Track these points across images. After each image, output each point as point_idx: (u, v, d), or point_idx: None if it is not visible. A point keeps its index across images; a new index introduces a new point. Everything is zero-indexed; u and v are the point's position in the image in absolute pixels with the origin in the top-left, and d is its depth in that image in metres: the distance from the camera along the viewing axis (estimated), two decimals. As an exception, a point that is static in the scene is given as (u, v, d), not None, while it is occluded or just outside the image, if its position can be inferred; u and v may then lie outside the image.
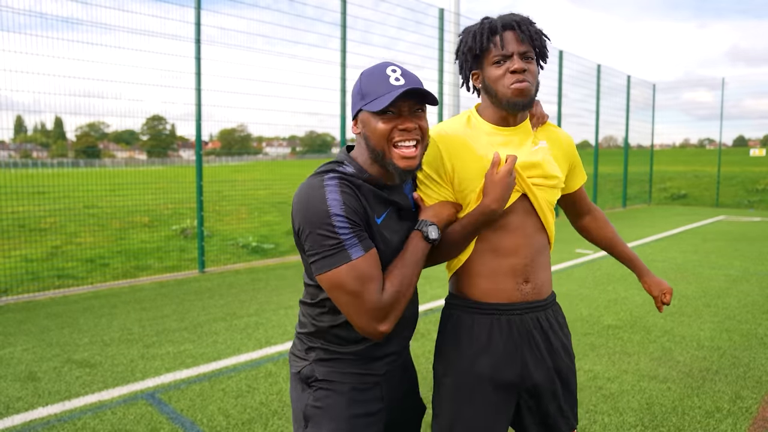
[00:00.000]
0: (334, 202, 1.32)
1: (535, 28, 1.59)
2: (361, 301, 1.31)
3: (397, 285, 1.36)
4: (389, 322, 1.35)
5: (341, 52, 8.76)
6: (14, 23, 5.83)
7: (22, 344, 4.46)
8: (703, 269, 7.67)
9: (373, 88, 1.40)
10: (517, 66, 1.54)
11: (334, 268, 1.31)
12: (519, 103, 1.57)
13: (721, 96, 19.35)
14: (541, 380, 1.66)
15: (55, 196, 6.66)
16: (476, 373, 1.62)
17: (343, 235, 1.31)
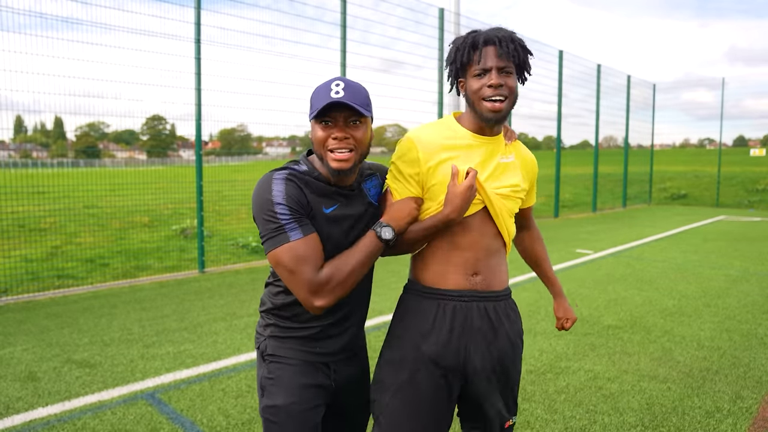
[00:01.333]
0: (277, 193, 1.54)
1: (516, 44, 1.69)
2: (297, 277, 1.51)
3: (333, 268, 1.54)
4: (323, 298, 1.52)
5: (341, 52, 8.76)
6: (14, 23, 5.84)
7: (22, 344, 4.46)
8: (703, 269, 7.66)
9: (315, 100, 1.58)
10: (494, 81, 1.65)
11: (276, 247, 1.52)
12: (491, 119, 1.69)
13: (721, 96, 19.36)
14: (480, 368, 1.75)
15: (55, 196, 6.66)
16: (420, 354, 1.73)
17: (283, 220, 1.52)
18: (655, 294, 6.26)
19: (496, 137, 1.79)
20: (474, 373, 1.75)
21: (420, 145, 1.73)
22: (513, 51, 1.67)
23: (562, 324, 2.10)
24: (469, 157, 1.74)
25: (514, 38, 1.69)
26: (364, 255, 1.59)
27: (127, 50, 6.67)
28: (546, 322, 5.16)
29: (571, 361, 4.19)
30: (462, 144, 1.75)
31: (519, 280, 6.92)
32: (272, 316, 1.72)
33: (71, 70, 6.18)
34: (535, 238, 2.12)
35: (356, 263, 1.57)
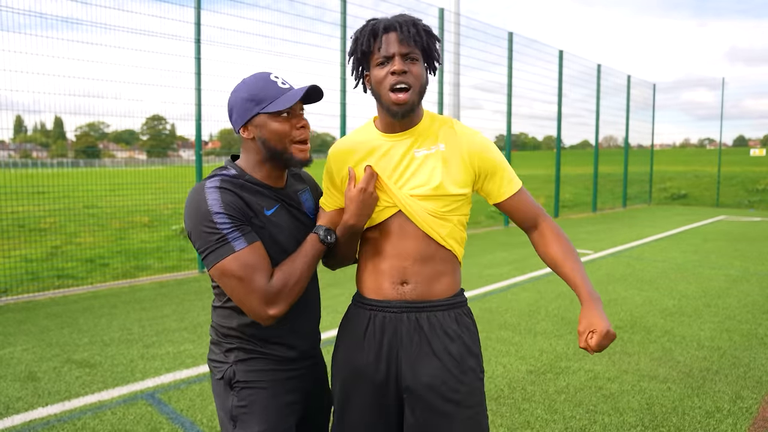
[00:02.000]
0: (213, 202, 1.45)
1: (419, 28, 1.58)
2: (248, 288, 1.43)
3: (285, 273, 1.48)
4: (278, 307, 1.45)
5: (341, 52, 8.76)
6: (14, 23, 5.84)
7: (22, 344, 4.45)
8: (703, 269, 7.66)
9: (266, 93, 1.52)
10: (396, 67, 1.52)
11: (221, 259, 1.43)
12: (397, 112, 1.55)
13: (721, 96, 19.36)
14: (416, 385, 1.59)
15: (55, 196, 6.66)
16: (352, 367, 1.65)
17: (224, 229, 1.43)
18: (655, 294, 6.26)
19: (410, 131, 1.63)
20: (409, 390, 1.59)
21: (332, 156, 1.71)
22: (415, 35, 1.55)
23: (586, 341, 1.51)
24: (372, 158, 1.63)
25: (417, 23, 1.60)
26: (309, 258, 1.55)
27: (127, 50, 6.67)
28: (546, 322, 5.16)
29: (571, 361, 4.18)
30: (371, 147, 1.64)
31: (518, 280, 6.92)
32: (234, 339, 1.60)
33: (71, 70, 6.19)
34: (547, 237, 1.71)
35: (304, 267, 1.52)
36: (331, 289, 6.15)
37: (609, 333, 1.51)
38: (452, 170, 1.61)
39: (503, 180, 1.68)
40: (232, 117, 1.58)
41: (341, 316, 1.81)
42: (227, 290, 1.47)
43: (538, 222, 1.74)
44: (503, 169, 1.68)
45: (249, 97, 1.53)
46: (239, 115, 1.55)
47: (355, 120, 9.45)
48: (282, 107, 1.50)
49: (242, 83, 1.56)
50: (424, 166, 1.60)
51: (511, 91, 12.73)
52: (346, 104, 8.90)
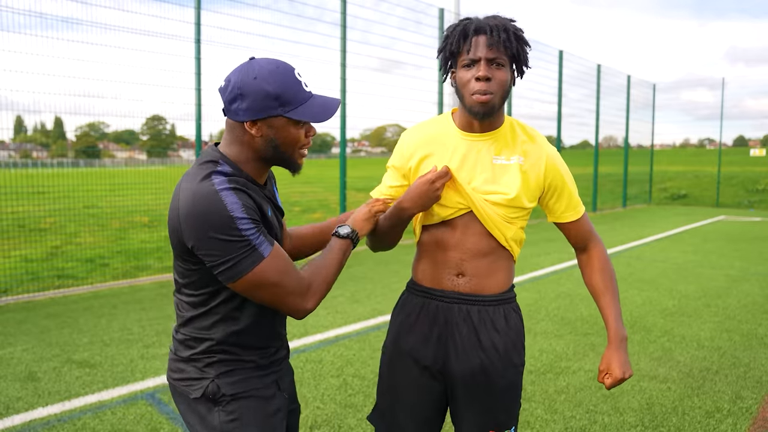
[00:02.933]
0: (234, 206, 1.30)
1: (509, 33, 1.55)
2: (286, 290, 1.37)
3: (315, 267, 1.45)
4: (314, 298, 1.42)
5: (341, 52, 8.76)
6: (14, 23, 5.83)
7: (22, 344, 4.45)
8: (703, 269, 7.66)
9: (294, 95, 1.38)
10: (481, 73, 1.53)
11: (253, 268, 1.32)
12: (478, 113, 1.58)
13: (721, 96, 19.36)
14: (460, 373, 1.69)
15: (55, 196, 6.66)
16: (399, 348, 1.76)
17: (250, 235, 1.32)
18: (655, 294, 6.26)
19: (491, 133, 1.66)
20: (453, 376, 1.70)
21: (407, 142, 1.74)
22: (505, 41, 1.54)
23: (603, 379, 1.68)
24: (449, 155, 1.66)
25: (508, 27, 1.56)
26: (336, 253, 1.52)
27: (127, 50, 6.67)
28: (546, 322, 5.16)
29: (571, 361, 4.18)
30: (449, 143, 1.67)
31: (518, 280, 6.92)
32: (215, 351, 1.47)
33: (71, 70, 6.18)
34: (592, 267, 1.78)
35: (334, 262, 1.50)
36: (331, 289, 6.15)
37: (623, 380, 1.65)
38: (529, 185, 1.67)
39: (570, 203, 1.74)
40: (237, 103, 1.37)
41: (341, 316, 1.83)
42: (260, 299, 1.38)
43: (589, 247, 1.81)
44: (571, 192, 1.74)
45: (274, 94, 1.36)
46: (254, 109, 1.36)
47: (356, 120, 9.46)
48: (317, 120, 1.42)
49: (265, 71, 1.36)
50: (503, 174, 1.65)
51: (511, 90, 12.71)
52: (345, 104, 8.90)
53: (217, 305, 1.45)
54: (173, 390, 1.54)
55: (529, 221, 11.58)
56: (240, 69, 1.38)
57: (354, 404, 3.46)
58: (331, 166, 11.40)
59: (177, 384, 1.51)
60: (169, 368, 1.55)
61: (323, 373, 3.91)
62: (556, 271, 7.47)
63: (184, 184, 1.37)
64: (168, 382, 1.57)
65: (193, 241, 1.32)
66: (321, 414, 3.31)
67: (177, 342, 1.52)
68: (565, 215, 1.75)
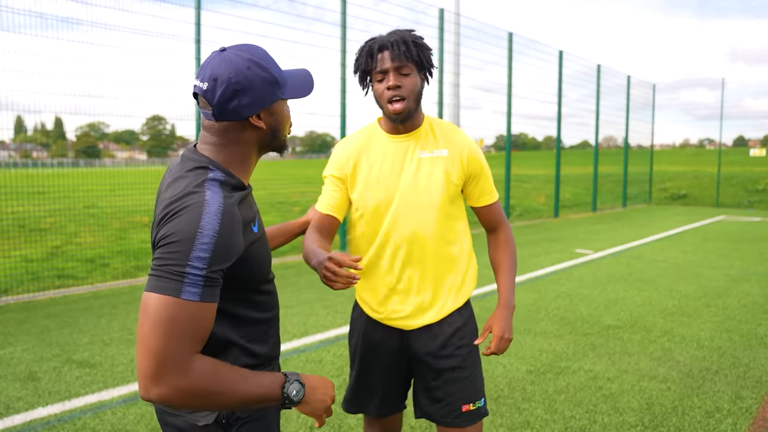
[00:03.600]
0: (208, 232, 1.12)
1: (409, 45, 1.75)
2: (155, 347, 1.07)
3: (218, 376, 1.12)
4: (169, 389, 1.07)
5: (341, 52, 8.76)
6: (14, 23, 5.83)
7: (22, 344, 4.46)
8: (703, 269, 7.66)
9: (281, 74, 1.32)
10: (391, 83, 1.75)
11: (157, 292, 1.09)
12: (395, 119, 1.80)
13: (721, 96, 19.36)
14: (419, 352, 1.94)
15: (55, 196, 6.66)
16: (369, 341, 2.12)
17: (191, 267, 1.09)
18: (655, 294, 6.26)
19: (412, 134, 1.87)
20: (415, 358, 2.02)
21: (341, 151, 1.94)
22: (405, 52, 1.74)
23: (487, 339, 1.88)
24: (381, 157, 1.87)
25: (407, 39, 1.76)
26: (256, 392, 1.17)
27: (127, 50, 6.67)
28: (546, 322, 5.16)
29: (571, 361, 4.19)
30: (375, 146, 1.89)
31: (518, 280, 6.92)
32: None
33: (71, 70, 6.19)
34: (499, 244, 2.01)
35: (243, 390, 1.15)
36: (330, 289, 6.15)
37: (503, 337, 1.85)
38: (450, 175, 1.86)
39: (485, 189, 1.95)
40: (238, 99, 1.23)
41: (341, 316, 1.85)
42: (138, 327, 1.10)
43: (498, 228, 2.03)
44: (487, 179, 1.95)
45: (272, 79, 1.27)
46: (259, 99, 1.25)
47: (355, 120, 9.45)
48: (308, 93, 1.37)
49: (256, 58, 1.27)
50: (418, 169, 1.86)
51: (511, 91, 12.73)
52: (346, 104, 8.90)
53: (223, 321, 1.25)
54: (165, 421, 1.33)
55: (529, 221, 11.62)
56: (223, 64, 1.23)
57: (354, 404, 3.45)
58: (331, 166, 11.36)
59: (177, 412, 1.30)
60: None
61: (323, 373, 3.91)
62: (556, 271, 7.48)
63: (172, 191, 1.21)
64: (157, 411, 1.35)
65: (162, 231, 1.15)
66: (321, 414, 3.31)
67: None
68: (481, 200, 1.96)
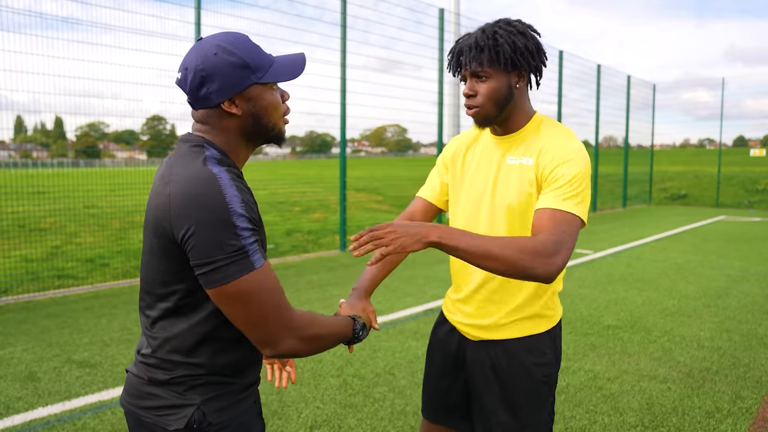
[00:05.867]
0: (233, 199, 1.14)
1: (486, 47, 1.61)
2: (268, 313, 1.17)
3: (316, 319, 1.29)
4: (295, 339, 1.22)
5: (341, 52, 8.76)
6: (13, 23, 5.83)
7: (22, 344, 4.45)
8: (703, 269, 7.66)
9: (260, 60, 1.29)
10: (465, 90, 1.69)
11: (239, 276, 1.13)
12: (478, 125, 1.74)
13: (721, 96, 19.36)
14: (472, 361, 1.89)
15: (55, 196, 6.66)
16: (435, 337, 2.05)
17: (246, 238, 1.14)
18: (655, 294, 6.26)
19: (508, 136, 1.75)
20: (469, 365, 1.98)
21: (456, 142, 1.93)
22: (476, 57, 1.62)
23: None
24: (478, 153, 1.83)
25: (480, 43, 1.61)
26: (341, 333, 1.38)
27: (127, 50, 6.67)
28: (546, 322, 5.16)
29: (571, 361, 4.18)
30: (477, 141, 1.87)
31: (519, 280, 6.91)
32: (202, 373, 1.27)
33: (71, 70, 6.19)
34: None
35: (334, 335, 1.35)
36: (330, 288, 6.15)
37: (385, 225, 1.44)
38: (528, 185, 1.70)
39: (548, 192, 1.60)
40: (206, 86, 1.23)
41: (341, 316, 1.81)
42: (236, 315, 1.17)
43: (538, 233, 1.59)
44: (560, 185, 1.59)
45: (241, 63, 1.25)
46: (229, 84, 1.24)
47: (356, 120, 9.46)
48: (291, 77, 1.33)
49: (223, 44, 1.25)
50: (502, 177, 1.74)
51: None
52: (346, 104, 8.90)
53: (206, 317, 1.25)
54: (135, 421, 1.30)
55: (529, 221, 11.51)
56: (193, 53, 1.25)
57: (354, 404, 3.46)
58: (331, 166, 11.41)
59: (145, 414, 1.27)
60: (133, 395, 1.30)
61: (323, 373, 3.91)
62: (556, 271, 7.47)
63: (176, 168, 1.21)
64: (127, 412, 1.32)
65: (184, 229, 1.14)
66: (321, 414, 3.31)
67: (148, 366, 1.29)
68: (539, 202, 1.61)
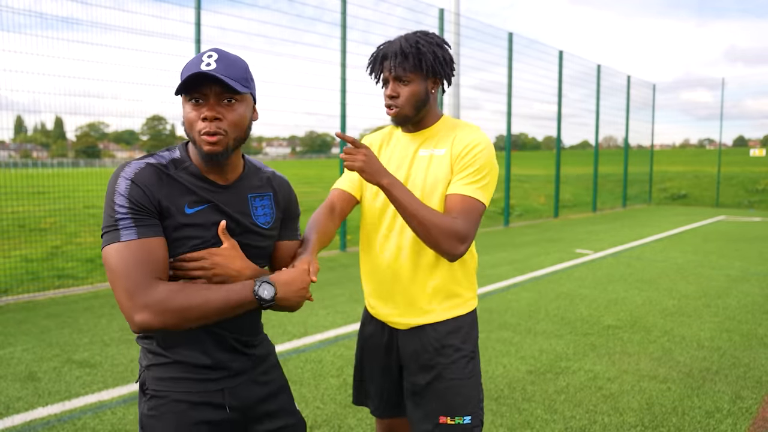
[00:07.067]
0: (122, 182, 1.32)
1: (410, 55, 1.76)
2: (120, 284, 1.27)
3: (177, 290, 1.28)
4: (145, 316, 1.25)
5: (341, 52, 8.76)
6: (13, 23, 5.83)
7: (22, 344, 4.45)
8: (703, 269, 7.66)
9: (183, 72, 1.34)
10: (389, 92, 1.82)
11: (106, 245, 1.30)
12: (396, 124, 1.90)
13: (721, 96, 19.37)
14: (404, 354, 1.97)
15: (55, 196, 6.65)
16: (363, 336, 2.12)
17: (119, 215, 1.30)
18: (655, 294, 6.26)
19: (420, 132, 1.90)
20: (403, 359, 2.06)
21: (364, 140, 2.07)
22: (401, 63, 1.77)
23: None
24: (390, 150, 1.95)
25: (405, 50, 1.77)
26: (224, 300, 1.31)
27: (127, 50, 6.67)
28: (546, 322, 5.16)
29: (571, 361, 4.19)
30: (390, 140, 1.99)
31: (519, 280, 6.92)
32: (146, 340, 1.43)
33: (71, 70, 6.18)
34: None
35: (211, 302, 1.29)
36: (331, 288, 6.15)
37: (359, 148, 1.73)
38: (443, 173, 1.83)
39: (457, 178, 1.78)
40: None
41: (341, 316, 1.84)
42: (108, 279, 1.31)
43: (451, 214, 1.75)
44: (469, 173, 1.77)
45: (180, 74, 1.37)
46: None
47: (356, 120, 9.45)
48: (181, 83, 1.32)
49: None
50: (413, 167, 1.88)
51: (511, 91, 12.73)
52: (346, 104, 8.90)
53: None
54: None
55: (529, 221, 11.68)
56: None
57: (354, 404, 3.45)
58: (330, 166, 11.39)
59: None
60: None
61: (323, 373, 3.91)
62: (556, 271, 7.47)
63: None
64: None
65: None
66: (321, 414, 3.31)
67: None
68: (451, 188, 1.78)
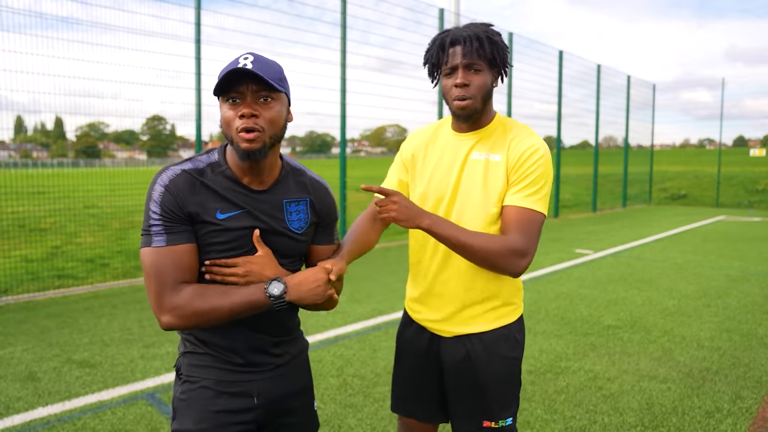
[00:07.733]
0: (157, 189, 1.40)
1: (483, 41, 1.69)
2: (150, 286, 1.39)
3: (199, 293, 1.38)
4: (170, 318, 1.38)
5: (341, 52, 8.76)
6: (13, 23, 5.83)
7: (22, 344, 4.45)
8: (703, 269, 7.66)
9: (220, 73, 1.39)
10: (458, 80, 1.70)
11: (142, 247, 1.41)
12: (460, 116, 1.76)
13: (721, 96, 19.37)
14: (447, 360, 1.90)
15: (55, 196, 6.65)
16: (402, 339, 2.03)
17: (152, 221, 1.39)
18: (655, 294, 6.26)
19: (475, 132, 1.80)
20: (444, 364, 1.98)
21: (408, 138, 1.98)
22: (478, 48, 1.68)
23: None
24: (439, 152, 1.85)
25: (481, 35, 1.70)
26: (239, 301, 1.38)
27: (127, 50, 6.67)
28: (546, 322, 5.16)
29: (571, 361, 4.19)
30: (438, 138, 1.88)
31: (519, 280, 6.91)
32: (184, 333, 1.55)
33: (71, 70, 6.18)
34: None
35: (227, 304, 1.37)
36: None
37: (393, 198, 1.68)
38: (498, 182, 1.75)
39: (516, 189, 1.71)
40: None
41: (341, 316, 1.84)
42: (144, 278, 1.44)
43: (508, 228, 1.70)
44: (527, 184, 1.70)
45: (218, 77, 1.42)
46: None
47: (355, 120, 9.45)
48: (215, 89, 1.39)
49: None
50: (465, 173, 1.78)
51: (511, 91, 12.73)
52: (346, 104, 8.90)
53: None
54: None
55: (529, 221, 11.37)
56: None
57: (354, 404, 3.46)
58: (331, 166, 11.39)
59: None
60: None
61: (323, 373, 3.91)
62: (556, 271, 7.47)
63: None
64: None
65: None
66: (321, 414, 3.31)
67: None
68: (507, 199, 1.72)
